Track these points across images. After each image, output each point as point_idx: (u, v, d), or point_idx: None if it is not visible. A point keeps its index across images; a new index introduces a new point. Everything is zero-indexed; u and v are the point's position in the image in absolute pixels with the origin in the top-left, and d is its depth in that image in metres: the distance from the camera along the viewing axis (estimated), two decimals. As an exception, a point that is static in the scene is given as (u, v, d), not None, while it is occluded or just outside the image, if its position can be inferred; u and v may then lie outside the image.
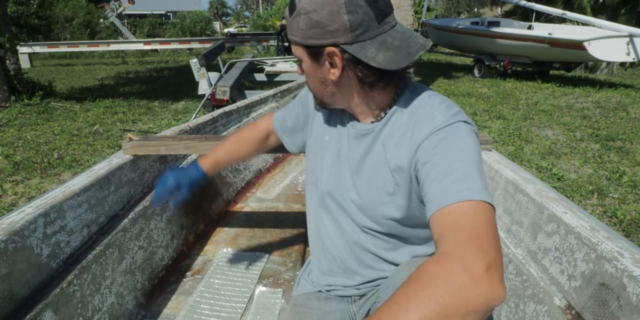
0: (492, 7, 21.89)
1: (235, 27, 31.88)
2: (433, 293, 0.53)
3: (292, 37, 0.80)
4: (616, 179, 3.36)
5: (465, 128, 0.77)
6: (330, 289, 1.02)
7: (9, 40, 6.48)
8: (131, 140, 1.56)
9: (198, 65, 5.17)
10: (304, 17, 0.75)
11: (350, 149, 0.91)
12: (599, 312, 0.84)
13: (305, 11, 0.75)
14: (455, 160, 0.71)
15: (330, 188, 0.94)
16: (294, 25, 0.78)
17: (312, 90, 0.89)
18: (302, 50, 0.81)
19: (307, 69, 0.84)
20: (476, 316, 0.53)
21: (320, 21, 0.74)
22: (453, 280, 0.54)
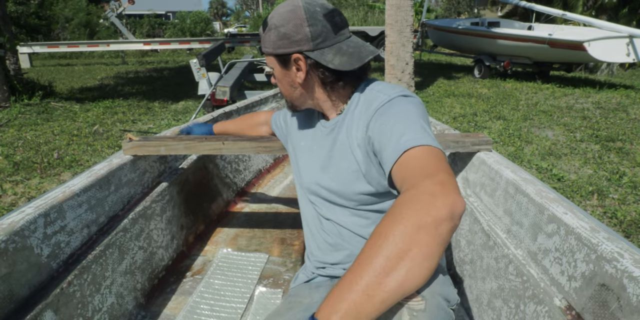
0: (492, 7, 21.90)
1: (235, 27, 31.89)
2: (402, 216, 0.62)
3: (265, 49, 0.97)
4: (616, 179, 3.36)
5: (404, 100, 0.89)
6: (320, 266, 1.08)
7: (9, 40, 6.48)
8: (131, 140, 1.56)
9: (198, 66, 5.17)
10: (274, 31, 0.92)
11: (321, 145, 1.05)
12: (599, 313, 0.84)
13: (275, 26, 0.92)
14: (396, 123, 0.83)
15: (308, 182, 1.07)
16: (267, 39, 0.94)
17: (284, 93, 1.03)
18: (273, 59, 0.96)
19: (278, 76, 0.99)
20: (447, 224, 0.61)
21: (287, 33, 0.91)
22: (415, 202, 0.63)
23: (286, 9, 0.92)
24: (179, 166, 1.93)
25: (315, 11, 0.91)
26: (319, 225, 1.09)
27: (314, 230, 1.11)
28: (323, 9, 0.92)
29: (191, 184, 1.96)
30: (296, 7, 0.91)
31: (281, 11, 0.92)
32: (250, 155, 2.70)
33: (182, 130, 1.77)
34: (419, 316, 0.71)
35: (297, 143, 1.15)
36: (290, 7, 0.92)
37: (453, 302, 0.76)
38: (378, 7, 18.15)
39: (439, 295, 0.73)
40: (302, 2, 0.92)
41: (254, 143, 1.50)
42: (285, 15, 0.91)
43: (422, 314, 0.71)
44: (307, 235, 1.16)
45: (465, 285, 1.43)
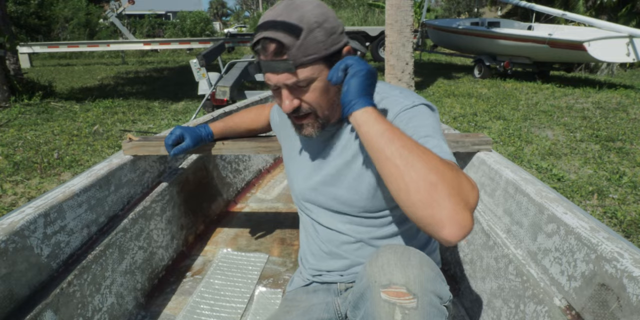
0: (492, 7, 21.90)
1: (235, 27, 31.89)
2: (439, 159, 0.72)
3: (307, 58, 0.80)
4: (616, 179, 3.36)
5: (428, 109, 0.88)
6: (316, 273, 1.07)
7: (8, 40, 6.47)
8: (131, 140, 1.56)
9: (198, 66, 5.16)
10: (318, 30, 0.80)
11: (316, 150, 1.00)
12: (599, 313, 0.84)
13: (317, 24, 0.80)
14: (422, 127, 0.83)
15: (302, 189, 1.03)
16: (310, 42, 0.80)
17: (325, 108, 0.89)
18: (322, 64, 0.83)
19: (325, 84, 0.85)
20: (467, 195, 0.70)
21: (334, 26, 0.83)
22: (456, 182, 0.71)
23: (313, 5, 0.82)
24: (178, 166, 1.93)
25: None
26: (314, 233, 1.06)
27: (308, 236, 1.09)
28: None
29: (191, 184, 1.96)
30: (319, 1, 0.84)
31: (310, 8, 0.81)
32: (250, 155, 2.70)
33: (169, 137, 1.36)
34: (410, 314, 0.70)
35: (289, 144, 1.10)
36: (315, 2, 0.83)
37: (445, 298, 0.75)
38: (378, 6, 18.15)
39: (431, 292, 0.72)
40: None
41: (254, 143, 1.50)
42: (318, 10, 0.82)
43: (414, 312, 0.70)
44: (302, 239, 1.14)
45: (465, 285, 1.43)
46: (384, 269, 0.73)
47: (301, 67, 0.81)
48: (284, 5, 0.82)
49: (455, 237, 0.66)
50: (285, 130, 1.12)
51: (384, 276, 0.73)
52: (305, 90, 0.84)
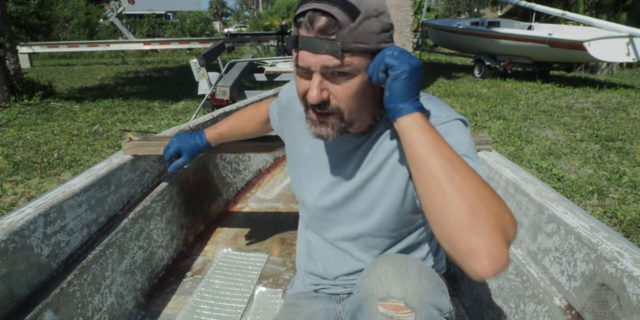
0: (492, 7, 21.90)
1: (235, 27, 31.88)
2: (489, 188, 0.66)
3: (357, 46, 0.70)
4: (616, 179, 3.36)
5: (463, 126, 0.81)
6: (317, 288, 1.03)
7: (8, 40, 6.47)
8: (131, 140, 1.56)
9: (198, 66, 5.16)
10: (376, 20, 0.71)
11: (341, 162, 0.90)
12: (599, 313, 0.84)
13: (377, 13, 0.71)
14: (464, 150, 0.75)
15: (319, 203, 0.94)
16: (364, 30, 0.69)
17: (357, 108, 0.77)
18: (366, 59, 0.72)
19: (363, 84, 0.74)
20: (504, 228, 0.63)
21: (389, 23, 0.74)
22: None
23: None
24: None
25: None
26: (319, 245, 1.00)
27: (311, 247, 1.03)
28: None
29: (191, 184, 1.96)
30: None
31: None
32: (250, 155, 2.70)
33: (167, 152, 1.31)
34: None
35: (299, 150, 0.98)
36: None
37: (445, 310, 0.72)
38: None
39: (430, 305, 0.69)
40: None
41: (254, 143, 1.50)
42: (381, 0, 0.72)
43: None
44: (302, 246, 1.07)
45: (465, 285, 1.43)
46: (382, 281, 0.71)
47: (348, 55, 0.70)
48: None
49: (488, 272, 0.60)
50: (290, 131, 1.01)
51: (381, 289, 0.71)
52: (340, 83, 0.73)
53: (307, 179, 0.96)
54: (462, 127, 0.80)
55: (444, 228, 0.63)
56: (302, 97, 0.77)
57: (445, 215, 0.63)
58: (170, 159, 1.29)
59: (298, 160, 0.99)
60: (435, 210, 0.65)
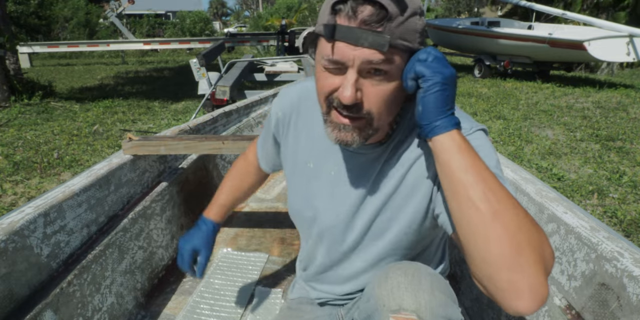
0: (492, 7, 21.89)
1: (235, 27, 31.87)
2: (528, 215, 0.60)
3: (402, 42, 0.63)
4: (616, 179, 3.36)
5: (486, 136, 0.75)
6: (322, 302, 1.01)
7: (8, 40, 6.48)
8: (131, 140, 1.56)
9: (198, 65, 5.16)
10: (419, 18, 0.64)
11: (357, 178, 0.82)
12: (599, 312, 0.84)
13: (420, 11, 0.65)
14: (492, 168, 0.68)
15: (332, 222, 0.86)
16: (410, 26, 0.63)
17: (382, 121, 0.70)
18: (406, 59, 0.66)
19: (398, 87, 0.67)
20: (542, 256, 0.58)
21: (425, 25, 0.67)
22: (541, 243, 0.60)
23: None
24: (178, 166, 1.93)
25: None
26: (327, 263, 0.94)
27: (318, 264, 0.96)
28: None
29: (191, 184, 1.96)
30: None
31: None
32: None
33: (183, 260, 1.07)
34: None
35: (303, 163, 0.88)
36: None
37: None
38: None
39: (442, 317, 0.67)
40: None
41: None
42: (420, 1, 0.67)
43: None
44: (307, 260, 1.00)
45: (465, 285, 1.43)
46: (394, 293, 0.69)
47: (395, 50, 0.63)
48: None
49: (529, 310, 0.56)
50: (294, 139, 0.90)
51: (393, 301, 0.69)
52: (377, 84, 0.65)
53: (315, 193, 0.87)
54: (486, 139, 0.74)
55: (483, 264, 0.59)
56: (327, 96, 0.68)
57: (487, 252, 0.58)
58: (191, 266, 1.05)
59: (302, 175, 0.89)
60: (475, 244, 0.59)
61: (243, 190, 1.13)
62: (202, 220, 1.09)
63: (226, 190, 1.12)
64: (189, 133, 1.96)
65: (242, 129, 2.67)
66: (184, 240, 1.06)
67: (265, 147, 1.00)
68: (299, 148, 0.88)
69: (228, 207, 1.12)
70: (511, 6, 15.20)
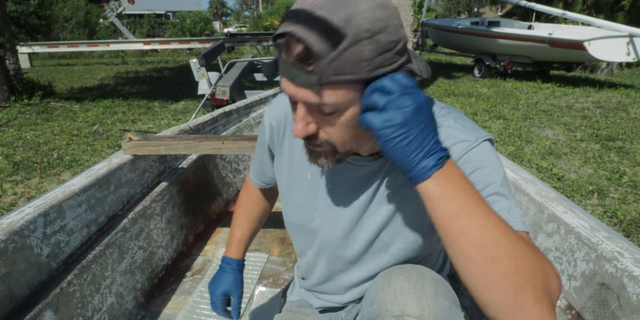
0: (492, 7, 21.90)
1: (235, 27, 31.88)
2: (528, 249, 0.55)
3: (339, 78, 0.57)
4: (616, 179, 3.36)
5: (491, 147, 0.71)
6: (323, 310, 1.00)
7: (8, 40, 6.48)
8: (131, 140, 1.56)
9: (198, 65, 5.17)
10: (368, 42, 0.55)
11: (358, 192, 0.79)
12: (599, 312, 0.84)
13: (369, 34, 0.55)
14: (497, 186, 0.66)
15: (332, 235, 0.84)
16: (350, 58, 0.55)
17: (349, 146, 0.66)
18: (358, 89, 0.59)
19: (356, 117, 0.61)
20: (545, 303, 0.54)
21: (391, 41, 0.57)
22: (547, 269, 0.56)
23: (374, 4, 0.57)
24: (178, 166, 1.93)
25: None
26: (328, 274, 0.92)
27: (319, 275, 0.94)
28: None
29: (191, 184, 1.96)
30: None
31: (367, 7, 0.56)
32: (250, 154, 2.70)
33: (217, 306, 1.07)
34: None
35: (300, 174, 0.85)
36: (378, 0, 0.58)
37: None
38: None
39: None
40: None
41: (254, 143, 1.50)
42: (379, 13, 0.56)
43: None
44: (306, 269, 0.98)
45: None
46: (397, 298, 0.68)
47: (327, 88, 0.58)
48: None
49: None
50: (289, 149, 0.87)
51: (396, 306, 0.67)
52: (327, 118, 0.62)
53: (314, 206, 0.85)
54: (490, 151, 0.69)
55: (485, 307, 0.56)
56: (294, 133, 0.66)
57: (487, 297, 0.55)
58: (225, 309, 1.04)
59: (297, 183, 0.86)
60: (474, 289, 0.56)
61: (256, 220, 1.11)
62: (224, 262, 1.06)
63: (239, 224, 1.10)
64: (189, 133, 1.96)
65: (242, 129, 2.67)
66: (213, 285, 1.04)
67: (262, 162, 0.97)
68: (294, 158, 0.86)
69: (246, 241, 1.10)
70: (511, 6, 15.21)
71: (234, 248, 1.07)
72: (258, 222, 1.11)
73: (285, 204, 0.91)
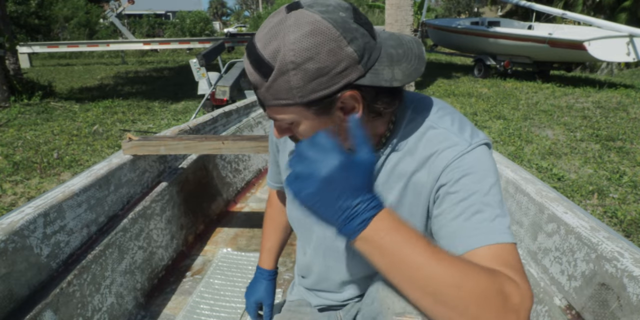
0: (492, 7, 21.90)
1: (235, 27, 31.89)
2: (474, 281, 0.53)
3: (277, 102, 0.62)
4: (616, 179, 3.36)
5: (486, 152, 0.70)
6: (322, 308, 1.00)
7: (8, 40, 6.48)
8: (131, 140, 1.56)
9: (198, 65, 5.16)
10: (295, 72, 0.59)
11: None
12: (599, 312, 0.84)
13: (294, 65, 0.59)
14: (482, 195, 0.65)
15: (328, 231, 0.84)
16: (280, 87, 0.60)
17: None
18: (301, 110, 0.63)
19: (309, 129, 0.65)
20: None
21: (323, 67, 0.59)
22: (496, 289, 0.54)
23: (302, 33, 0.58)
24: (178, 166, 1.93)
25: (342, 19, 0.60)
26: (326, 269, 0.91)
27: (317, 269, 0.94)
28: (345, 11, 0.62)
29: (191, 184, 1.96)
30: (317, 24, 0.58)
31: (293, 39, 0.58)
32: (250, 155, 2.70)
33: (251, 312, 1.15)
34: None
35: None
36: (308, 27, 0.58)
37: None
38: (378, 6, 18.16)
39: None
40: (318, 15, 0.59)
41: (254, 142, 1.50)
42: (305, 43, 0.58)
43: None
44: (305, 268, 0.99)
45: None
46: (398, 295, 0.67)
47: (273, 109, 0.65)
48: (275, 22, 0.61)
49: None
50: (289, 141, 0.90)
51: (397, 303, 0.67)
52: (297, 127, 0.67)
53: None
54: (485, 157, 0.69)
55: None
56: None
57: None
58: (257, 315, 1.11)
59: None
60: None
61: (282, 229, 1.14)
62: (258, 272, 1.13)
63: (267, 236, 1.15)
64: (189, 133, 1.96)
65: (242, 129, 2.67)
66: (248, 293, 1.12)
67: (274, 161, 1.00)
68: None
69: (276, 251, 1.14)
70: (511, 6, 15.21)
71: (264, 258, 1.13)
72: (284, 230, 1.14)
73: (288, 200, 0.94)
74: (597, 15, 11.92)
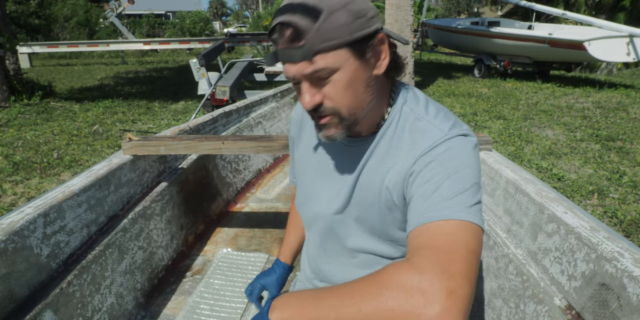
0: (492, 7, 21.90)
1: (235, 27, 31.89)
2: (383, 294, 0.56)
3: (327, 44, 0.68)
4: (616, 179, 3.36)
5: (463, 142, 0.74)
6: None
7: (8, 40, 6.48)
8: (131, 140, 1.56)
9: (198, 65, 5.16)
10: (342, 12, 0.68)
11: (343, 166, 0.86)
12: (599, 313, 0.84)
13: (340, 5, 0.68)
14: (446, 178, 0.69)
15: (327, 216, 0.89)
16: (332, 25, 0.67)
17: (353, 109, 0.74)
18: (345, 52, 0.69)
19: (351, 76, 0.71)
20: None
21: (361, 9, 0.69)
22: (406, 292, 0.55)
23: None
24: (178, 166, 1.93)
25: None
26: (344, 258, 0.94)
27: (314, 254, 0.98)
28: None
29: (191, 184, 1.96)
30: None
31: None
32: (250, 155, 2.70)
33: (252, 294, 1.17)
34: None
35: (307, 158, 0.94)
36: None
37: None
38: (378, 6, 18.17)
39: None
40: None
41: (254, 143, 1.50)
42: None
43: None
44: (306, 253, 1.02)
45: (465, 285, 1.43)
46: None
47: (320, 55, 0.68)
48: None
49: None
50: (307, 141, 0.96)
51: None
52: (326, 82, 0.71)
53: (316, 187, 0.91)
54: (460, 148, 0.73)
55: None
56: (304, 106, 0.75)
57: None
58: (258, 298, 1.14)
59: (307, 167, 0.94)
60: None
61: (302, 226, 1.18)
62: (275, 263, 1.17)
63: (289, 231, 1.19)
64: (189, 133, 1.96)
65: (242, 129, 2.67)
66: (258, 275, 1.15)
67: (293, 157, 1.04)
68: (309, 147, 0.94)
69: (295, 246, 1.19)
70: (511, 6, 15.21)
71: (284, 251, 1.18)
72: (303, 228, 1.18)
73: (297, 189, 1.00)
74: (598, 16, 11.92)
